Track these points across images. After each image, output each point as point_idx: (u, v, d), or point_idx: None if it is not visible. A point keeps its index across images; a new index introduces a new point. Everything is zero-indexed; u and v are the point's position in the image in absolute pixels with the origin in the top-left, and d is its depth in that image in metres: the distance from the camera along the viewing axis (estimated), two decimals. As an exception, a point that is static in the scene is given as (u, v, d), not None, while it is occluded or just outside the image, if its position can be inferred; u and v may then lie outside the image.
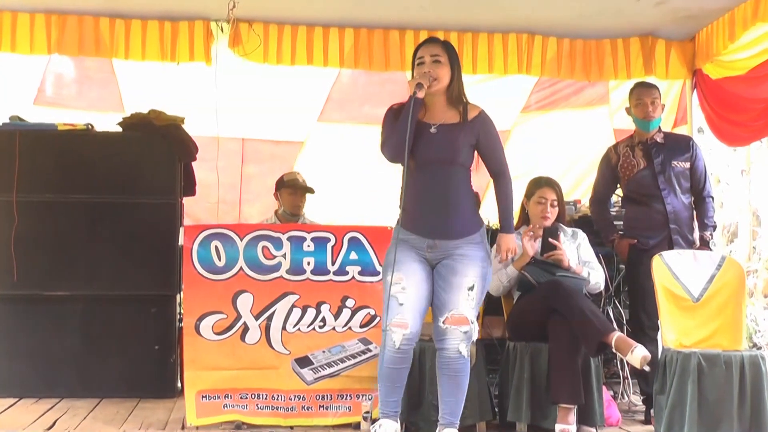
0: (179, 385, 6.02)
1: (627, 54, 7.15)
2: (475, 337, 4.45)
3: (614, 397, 5.90)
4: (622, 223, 6.02)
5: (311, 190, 6.93)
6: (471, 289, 4.39)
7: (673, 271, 5.38)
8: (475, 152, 4.55)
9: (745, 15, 6.12)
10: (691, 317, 5.33)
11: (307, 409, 5.31)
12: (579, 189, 7.85)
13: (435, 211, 4.38)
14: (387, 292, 4.38)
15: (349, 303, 5.38)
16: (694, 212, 5.86)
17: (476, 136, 4.49)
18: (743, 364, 4.94)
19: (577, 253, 5.58)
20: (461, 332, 4.35)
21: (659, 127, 5.92)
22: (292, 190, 6.85)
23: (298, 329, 5.34)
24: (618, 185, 6.04)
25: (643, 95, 5.85)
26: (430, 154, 4.37)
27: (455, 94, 4.52)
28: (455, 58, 4.54)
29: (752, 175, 9.75)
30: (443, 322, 4.36)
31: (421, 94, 4.37)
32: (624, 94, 7.29)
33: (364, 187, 7.69)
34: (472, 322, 4.39)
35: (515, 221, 5.90)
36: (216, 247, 5.32)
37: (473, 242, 4.44)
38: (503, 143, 7.83)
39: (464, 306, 4.37)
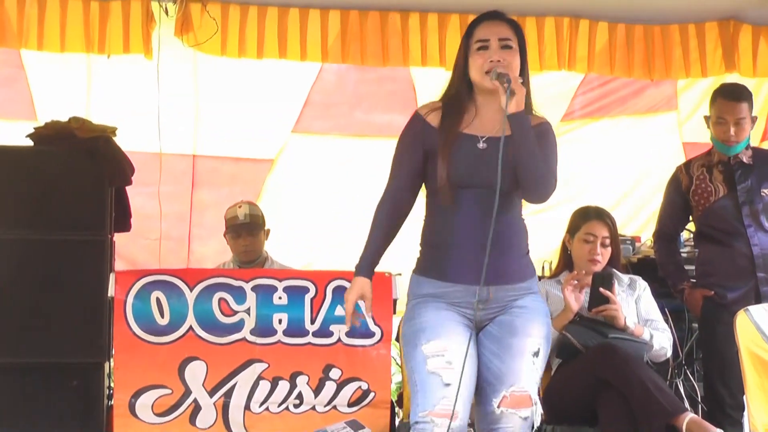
0: (108, 483, 6.01)
1: (701, 44, 7.18)
2: (537, 421, 4.11)
3: (686, 500, 5.90)
4: (693, 268, 6.04)
5: (257, 226, 6.78)
6: (536, 354, 4.08)
7: (764, 331, 5.39)
8: None
9: None
10: (787, 393, 5.34)
11: None
12: (636, 221, 7.88)
13: (490, 250, 3.99)
14: (420, 369, 4.01)
15: (334, 374, 5.40)
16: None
17: None
18: None
19: (636, 307, 5.60)
20: (520, 418, 4.01)
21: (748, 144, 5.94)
22: (233, 232, 6.78)
23: (267, 409, 5.35)
24: (690, 217, 6.05)
25: (724, 111, 5.81)
26: (479, 175, 4.09)
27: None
28: (524, 44, 4.28)
29: None
30: (499, 405, 4.01)
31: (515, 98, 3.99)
32: (697, 96, 7.37)
33: (353, 220, 7.67)
34: (536, 402, 4.07)
35: (554, 264, 5.94)
36: (158, 300, 5.34)
37: (532, 291, 4.20)
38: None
39: (528, 379, 4.04)
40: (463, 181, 4.10)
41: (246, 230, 6.73)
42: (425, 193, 4.25)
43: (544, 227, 7.51)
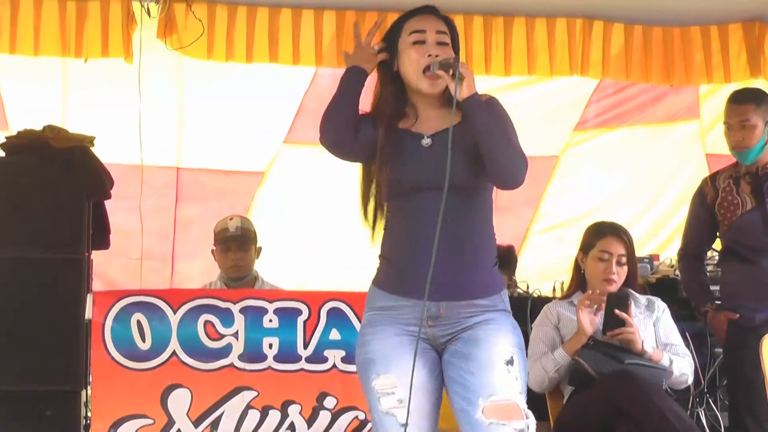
0: None
1: (725, 47, 7.18)
2: None
3: None
4: (718, 288, 6.03)
5: (248, 240, 6.77)
6: (510, 363, 3.96)
7: (793, 357, 5.39)
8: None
9: None
10: (819, 423, 5.33)
11: None
12: (656, 239, 7.88)
13: (442, 260, 3.95)
14: (375, 408, 3.99)
15: (329, 403, 5.39)
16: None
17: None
18: None
19: (655, 330, 5.59)
20: (514, 430, 3.86)
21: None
22: (223, 245, 6.76)
23: (256, 441, 5.35)
24: (718, 234, 6.04)
25: (728, 115, 5.87)
26: (427, 176, 4.03)
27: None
28: (458, 39, 4.28)
29: None
30: (483, 413, 3.87)
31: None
32: (720, 104, 7.33)
33: (349, 237, 7.67)
34: (527, 416, 3.92)
35: (566, 284, 5.93)
36: (138, 323, 5.34)
37: (496, 308, 4.07)
38: (549, 171, 8.07)
39: (507, 388, 3.92)
40: (412, 183, 4.04)
41: (236, 243, 6.70)
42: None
43: (555, 244, 7.56)
